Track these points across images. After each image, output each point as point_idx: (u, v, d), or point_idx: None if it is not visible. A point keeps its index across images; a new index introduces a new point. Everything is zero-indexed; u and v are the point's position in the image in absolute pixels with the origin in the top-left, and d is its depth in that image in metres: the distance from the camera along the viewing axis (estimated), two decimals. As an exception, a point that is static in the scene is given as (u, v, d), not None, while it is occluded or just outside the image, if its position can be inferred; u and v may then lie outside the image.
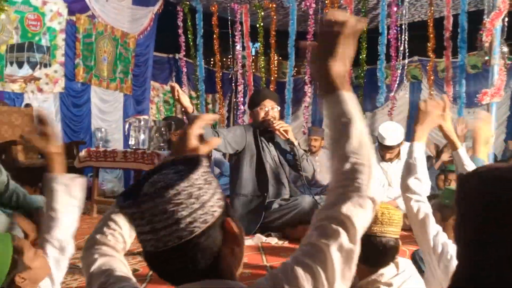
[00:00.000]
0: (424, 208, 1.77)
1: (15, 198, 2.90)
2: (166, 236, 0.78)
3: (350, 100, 0.90)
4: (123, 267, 1.03)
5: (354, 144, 0.87)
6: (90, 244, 1.09)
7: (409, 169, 1.82)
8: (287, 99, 7.15)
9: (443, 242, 1.71)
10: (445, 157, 5.61)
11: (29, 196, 2.95)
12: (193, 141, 1.12)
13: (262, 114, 3.52)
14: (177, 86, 3.12)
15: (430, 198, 1.95)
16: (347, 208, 0.83)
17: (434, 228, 1.73)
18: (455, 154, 2.05)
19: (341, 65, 0.90)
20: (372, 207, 0.86)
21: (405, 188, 1.82)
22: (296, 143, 3.55)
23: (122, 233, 1.10)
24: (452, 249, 1.71)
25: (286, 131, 3.43)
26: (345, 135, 0.88)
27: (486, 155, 2.14)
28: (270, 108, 3.52)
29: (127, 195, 0.83)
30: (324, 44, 0.92)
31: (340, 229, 0.82)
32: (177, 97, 3.11)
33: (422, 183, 1.81)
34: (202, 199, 0.80)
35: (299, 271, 0.79)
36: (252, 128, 3.62)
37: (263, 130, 3.57)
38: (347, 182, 0.85)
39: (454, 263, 1.69)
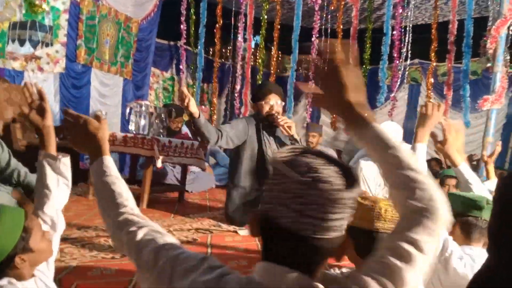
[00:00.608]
0: None
1: (16, 175, 2.90)
2: (307, 224, 0.83)
3: (383, 130, 0.99)
4: (165, 233, 1.05)
5: (413, 171, 0.93)
6: (122, 220, 1.09)
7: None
8: (289, 94, 7.16)
9: (444, 238, 1.78)
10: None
11: (30, 174, 2.95)
12: None
13: (266, 108, 3.54)
14: (185, 91, 3.09)
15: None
16: (417, 233, 0.88)
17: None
18: (456, 171, 2.10)
19: (358, 95, 0.96)
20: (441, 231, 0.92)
21: None
22: (298, 139, 3.56)
23: (129, 196, 1.15)
24: (452, 245, 1.76)
25: (289, 127, 3.45)
26: (400, 164, 0.94)
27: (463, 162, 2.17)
28: (275, 103, 3.54)
29: (286, 163, 0.86)
30: (329, 79, 0.96)
31: (413, 252, 0.86)
32: (186, 104, 3.06)
33: None
34: (349, 211, 0.86)
35: (373, 283, 0.84)
36: (255, 120, 3.62)
37: (267, 124, 3.58)
38: (421, 209, 0.90)
39: (454, 258, 1.74)
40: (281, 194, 0.85)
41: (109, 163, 1.22)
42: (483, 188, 2.12)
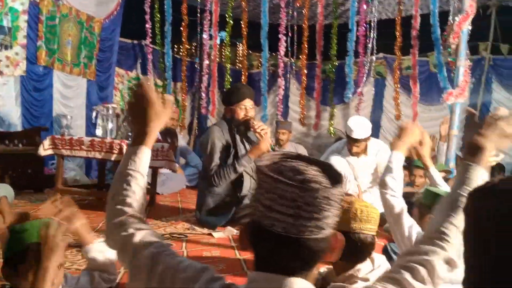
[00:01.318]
0: (400, 203, 1.94)
1: None
2: (303, 226, 0.84)
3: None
4: (163, 240, 1.07)
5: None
6: (120, 221, 1.09)
7: (386, 170, 2.01)
8: (263, 92, 7.15)
9: (418, 231, 1.88)
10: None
11: None
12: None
13: (242, 114, 3.51)
14: None
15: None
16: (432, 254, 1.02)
17: (408, 220, 1.90)
18: (428, 173, 2.32)
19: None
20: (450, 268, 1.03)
21: (383, 184, 1.99)
22: (272, 143, 3.56)
23: (139, 199, 1.15)
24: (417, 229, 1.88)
25: (265, 133, 3.45)
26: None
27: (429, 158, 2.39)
28: (249, 108, 3.53)
29: (271, 170, 0.87)
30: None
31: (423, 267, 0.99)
32: None
33: (397, 182, 1.99)
34: (337, 209, 0.88)
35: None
36: (227, 125, 3.57)
37: (241, 129, 3.56)
38: (439, 239, 1.05)
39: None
40: (273, 202, 0.84)
41: (144, 155, 1.19)
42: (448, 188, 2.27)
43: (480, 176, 1.15)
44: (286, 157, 0.92)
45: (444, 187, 2.23)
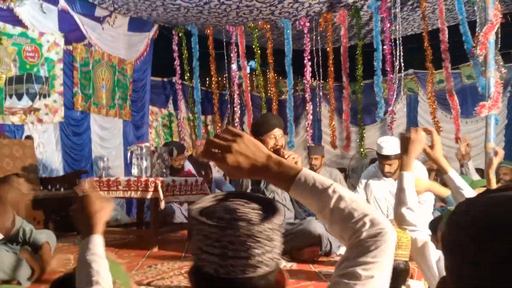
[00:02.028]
0: (421, 237, 1.77)
1: (21, 233, 2.92)
2: (233, 266, 0.83)
3: (314, 174, 0.99)
4: None
5: (356, 203, 0.96)
6: None
7: (400, 200, 1.82)
8: (289, 118, 7.18)
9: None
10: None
11: (35, 231, 2.97)
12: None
13: (271, 144, 3.52)
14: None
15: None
16: (371, 258, 0.89)
17: (435, 254, 1.72)
18: (446, 178, 2.08)
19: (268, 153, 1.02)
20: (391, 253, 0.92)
21: (400, 220, 1.82)
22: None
23: (105, 277, 1.20)
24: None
25: (296, 162, 3.45)
26: (342, 200, 0.95)
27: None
28: (279, 137, 3.55)
29: (202, 212, 0.88)
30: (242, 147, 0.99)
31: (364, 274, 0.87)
32: None
33: (414, 212, 1.81)
34: (273, 243, 0.87)
35: None
36: None
37: None
38: (369, 235, 0.92)
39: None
40: (201, 243, 0.85)
41: (96, 241, 1.26)
42: (474, 194, 2.11)
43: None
44: (228, 196, 0.93)
45: (466, 192, 2.03)
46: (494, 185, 2.42)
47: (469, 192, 2.03)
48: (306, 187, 0.96)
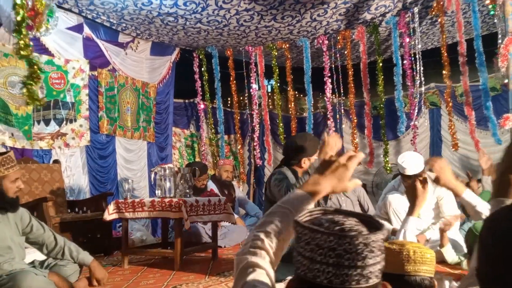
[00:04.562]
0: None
1: (68, 252, 3.03)
2: (348, 275, 0.83)
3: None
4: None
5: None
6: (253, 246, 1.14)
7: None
8: (309, 136, 7.18)
9: None
10: (474, 185, 5.53)
11: (82, 251, 3.08)
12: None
13: (316, 164, 3.50)
14: None
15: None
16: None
17: None
18: (462, 200, 2.11)
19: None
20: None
21: None
22: None
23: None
24: None
25: None
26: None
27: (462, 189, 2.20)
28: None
29: (312, 222, 0.90)
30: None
31: None
32: None
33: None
34: (382, 256, 0.87)
35: None
36: (294, 175, 3.45)
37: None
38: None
39: None
40: (313, 253, 0.85)
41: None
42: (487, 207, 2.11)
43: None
44: (325, 211, 0.95)
45: (484, 211, 2.04)
46: None
47: (483, 207, 2.06)
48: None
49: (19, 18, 4.68)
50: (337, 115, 7.53)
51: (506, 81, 5.07)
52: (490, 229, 0.74)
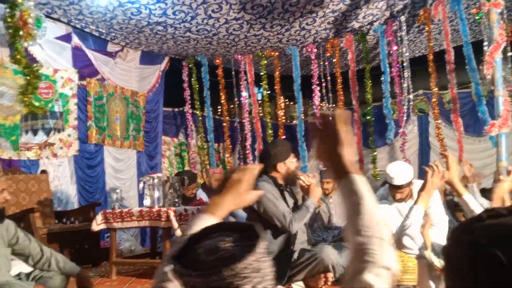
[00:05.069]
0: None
1: (54, 263, 2.99)
2: None
3: (361, 182, 1.00)
4: None
5: (365, 219, 0.95)
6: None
7: (402, 229, 2.06)
8: (300, 143, 7.21)
9: None
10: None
11: (69, 262, 3.05)
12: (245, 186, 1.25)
13: (292, 168, 3.55)
14: None
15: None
16: (367, 278, 0.88)
17: None
18: (461, 201, 2.14)
19: (350, 152, 1.03)
20: (389, 275, 0.91)
21: (400, 246, 2.01)
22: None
23: None
24: None
25: (310, 185, 3.50)
26: (357, 212, 0.96)
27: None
28: (295, 161, 3.60)
29: (182, 260, 0.86)
30: (328, 135, 1.05)
31: None
32: None
33: (415, 239, 2.04)
34: (263, 272, 0.85)
35: None
36: (273, 183, 3.54)
37: (287, 185, 3.61)
38: (361, 255, 0.92)
39: None
40: None
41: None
42: None
43: None
44: (204, 232, 0.91)
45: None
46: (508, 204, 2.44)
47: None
48: (349, 188, 1.00)
49: (10, 31, 4.71)
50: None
51: (492, 88, 5.12)
52: (454, 242, 0.74)
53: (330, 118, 1.05)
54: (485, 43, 5.16)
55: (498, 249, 0.65)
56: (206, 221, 1.19)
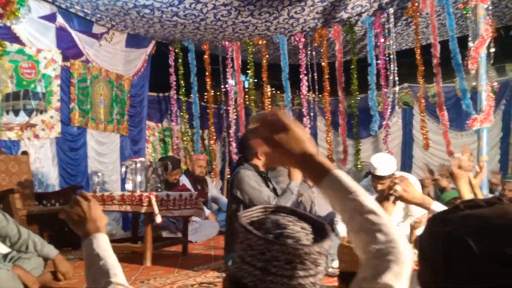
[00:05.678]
0: None
1: (32, 245, 2.96)
2: (273, 283, 0.80)
3: (344, 176, 0.93)
4: None
5: (373, 214, 0.88)
6: None
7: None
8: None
9: None
10: (443, 182, 5.64)
11: (47, 244, 3.03)
12: None
13: None
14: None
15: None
16: (388, 278, 0.82)
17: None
18: (431, 211, 2.23)
19: (314, 146, 0.95)
20: (407, 273, 0.85)
21: None
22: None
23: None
24: None
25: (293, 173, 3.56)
26: (361, 209, 0.89)
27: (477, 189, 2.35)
28: None
29: (251, 222, 0.86)
30: (281, 136, 0.94)
31: None
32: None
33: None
34: (318, 269, 0.84)
35: None
36: (256, 171, 3.59)
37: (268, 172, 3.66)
38: (385, 254, 0.84)
39: None
40: (245, 252, 0.83)
41: (104, 238, 1.24)
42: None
43: None
44: (278, 210, 0.90)
45: None
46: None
47: None
48: (334, 186, 0.92)
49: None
50: (312, 113, 7.57)
51: (474, 83, 5.18)
52: (428, 235, 0.73)
53: (270, 118, 0.95)
54: (470, 38, 5.21)
55: (472, 239, 0.65)
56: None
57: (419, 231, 3.87)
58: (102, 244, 1.22)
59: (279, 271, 0.80)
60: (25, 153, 5.19)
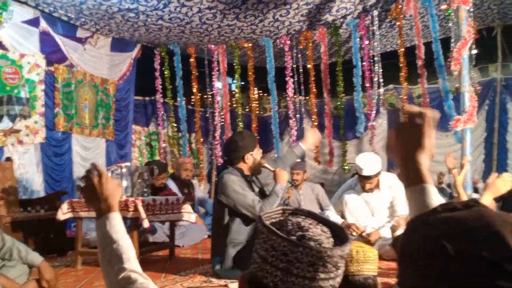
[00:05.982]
0: None
1: (16, 253, 2.92)
2: (294, 284, 0.81)
3: (434, 193, 0.97)
4: None
5: None
6: (124, 277, 1.11)
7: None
8: (274, 134, 7.23)
9: None
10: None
11: (32, 252, 2.98)
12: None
13: (258, 158, 3.57)
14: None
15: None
16: None
17: None
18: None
19: (427, 159, 0.99)
20: None
21: None
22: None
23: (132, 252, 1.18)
24: None
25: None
26: None
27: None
28: (260, 151, 3.64)
29: (273, 224, 0.87)
30: (411, 135, 0.99)
31: None
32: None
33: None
34: (338, 272, 0.85)
35: None
36: (240, 174, 3.58)
37: (254, 175, 3.64)
38: None
39: None
40: (267, 253, 0.84)
41: (117, 218, 1.23)
42: None
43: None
44: (296, 212, 0.92)
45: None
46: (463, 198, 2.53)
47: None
48: (421, 198, 0.96)
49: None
50: (298, 115, 7.60)
51: (457, 85, 5.24)
52: (408, 236, 0.74)
53: (418, 117, 0.99)
54: (452, 40, 5.27)
55: (448, 241, 0.66)
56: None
57: (398, 232, 3.91)
58: (115, 225, 1.21)
59: (301, 272, 0.81)
60: (9, 159, 5.13)
